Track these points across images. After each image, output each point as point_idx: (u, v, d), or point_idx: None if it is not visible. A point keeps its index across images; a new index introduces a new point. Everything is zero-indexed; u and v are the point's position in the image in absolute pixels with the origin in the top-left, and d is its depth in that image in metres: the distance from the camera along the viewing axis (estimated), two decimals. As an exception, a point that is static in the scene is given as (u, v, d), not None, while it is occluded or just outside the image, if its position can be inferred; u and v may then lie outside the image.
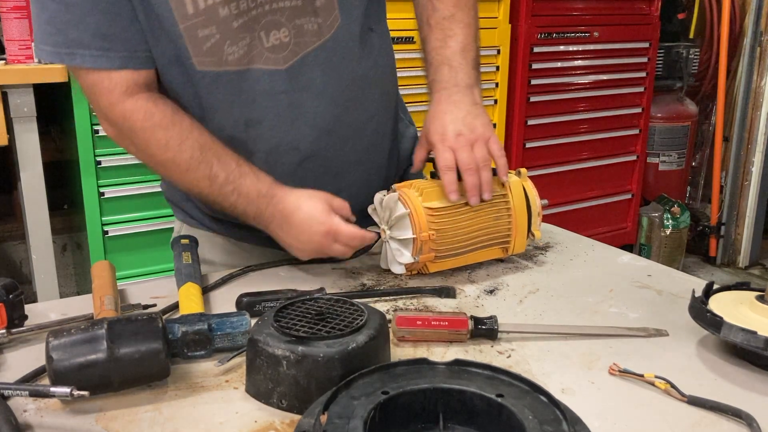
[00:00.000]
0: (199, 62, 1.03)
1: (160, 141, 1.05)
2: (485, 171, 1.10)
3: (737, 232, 3.87)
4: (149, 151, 1.07)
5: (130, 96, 1.03)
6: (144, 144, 1.06)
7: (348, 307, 0.83)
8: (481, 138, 1.11)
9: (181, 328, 0.82)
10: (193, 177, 1.07)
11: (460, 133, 1.10)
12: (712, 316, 0.84)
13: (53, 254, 2.29)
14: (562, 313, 1.00)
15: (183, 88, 1.07)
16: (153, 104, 1.05)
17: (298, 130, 1.11)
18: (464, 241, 1.10)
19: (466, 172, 1.08)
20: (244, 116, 1.09)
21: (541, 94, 3.12)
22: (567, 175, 3.30)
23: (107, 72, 1.02)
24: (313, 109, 1.11)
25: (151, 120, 1.04)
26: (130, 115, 1.04)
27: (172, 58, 1.04)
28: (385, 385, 0.69)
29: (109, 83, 1.02)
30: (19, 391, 0.72)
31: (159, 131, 1.05)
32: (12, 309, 0.88)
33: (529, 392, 0.68)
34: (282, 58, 1.07)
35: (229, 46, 1.03)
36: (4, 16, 2.12)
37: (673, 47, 3.63)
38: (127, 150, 1.10)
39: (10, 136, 2.14)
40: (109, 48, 1.00)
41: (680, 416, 0.75)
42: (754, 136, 3.74)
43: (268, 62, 1.07)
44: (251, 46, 1.05)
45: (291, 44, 1.07)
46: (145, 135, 1.05)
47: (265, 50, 1.06)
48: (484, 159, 1.10)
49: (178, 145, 1.05)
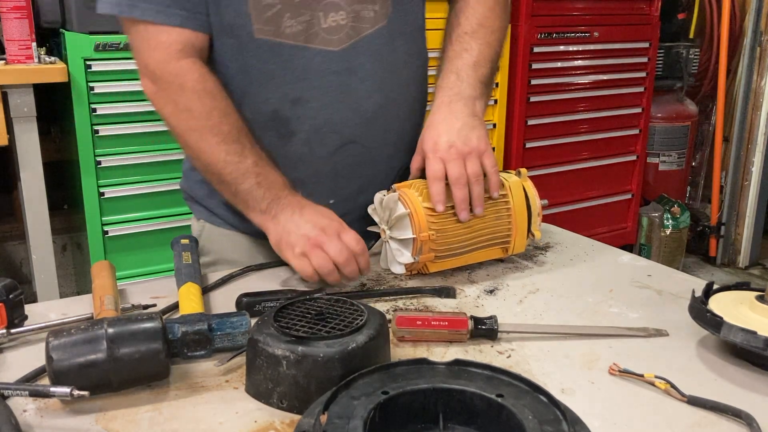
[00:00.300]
0: (258, 30, 1.07)
1: (205, 107, 1.07)
2: (476, 186, 1.07)
3: (737, 232, 3.87)
4: (189, 113, 1.08)
5: (185, 56, 1.07)
6: (187, 105, 1.07)
7: (348, 307, 0.83)
8: (475, 151, 1.08)
9: (181, 328, 0.82)
10: (224, 149, 1.07)
11: (452, 144, 1.08)
12: (712, 316, 0.84)
13: (53, 254, 2.30)
14: (562, 313, 1.00)
15: (233, 58, 1.10)
16: (207, 71, 1.09)
17: (342, 113, 1.13)
18: (464, 242, 1.10)
19: (455, 185, 1.06)
20: (292, 93, 1.11)
21: (541, 94, 3.12)
22: (567, 175, 3.30)
23: (166, 28, 1.05)
24: (359, 93, 1.14)
25: (204, 84, 1.07)
26: (184, 74, 1.06)
27: (228, 25, 1.07)
28: (385, 385, 0.69)
29: (167, 38, 1.05)
30: (19, 391, 0.72)
31: (207, 98, 1.07)
32: (12, 309, 0.88)
33: (529, 392, 0.68)
34: (337, 40, 1.10)
35: (289, 18, 1.06)
36: (4, 16, 2.12)
37: (673, 47, 3.63)
38: (161, 110, 1.11)
39: (10, 136, 2.14)
40: (170, 5, 1.04)
41: (680, 416, 0.75)
42: (754, 136, 3.73)
43: (323, 42, 1.10)
44: (310, 24, 1.08)
45: (347, 27, 1.10)
46: (193, 97, 1.07)
47: (321, 30, 1.09)
48: (476, 173, 1.07)
49: (220, 117, 1.08)
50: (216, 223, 1.26)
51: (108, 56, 2.22)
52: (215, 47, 1.11)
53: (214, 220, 1.26)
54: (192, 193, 1.29)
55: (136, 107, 2.27)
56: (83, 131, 2.23)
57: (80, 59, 2.18)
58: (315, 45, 1.10)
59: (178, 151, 2.40)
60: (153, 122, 2.29)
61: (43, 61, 2.17)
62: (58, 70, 2.14)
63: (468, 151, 1.08)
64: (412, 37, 1.19)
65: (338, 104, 1.13)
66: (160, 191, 2.40)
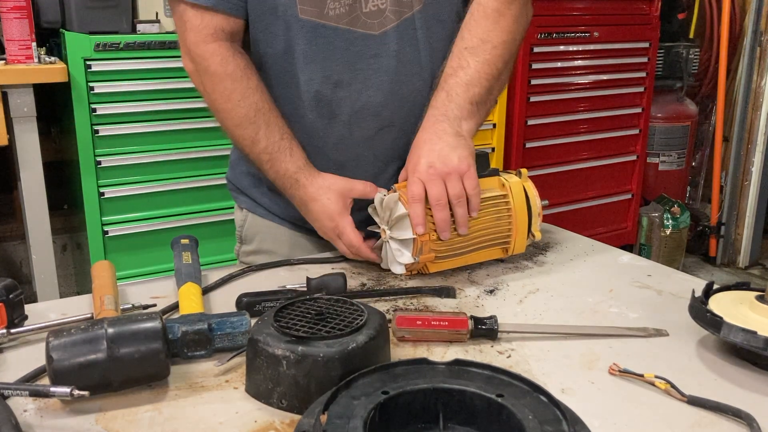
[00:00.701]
0: (302, 10, 1.10)
1: (225, 89, 1.12)
2: (458, 207, 1.05)
3: (737, 232, 3.87)
4: (213, 96, 1.14)
5: (214, 40, 1.11)
6: (210, 87, 1.14)
7: (348, 307, 0.83)
8: (455, 172, 1.06)
9: (181, 328, 0.82)
10: (240, 134, 1.14)
11: (431, 165, 1.06)
12: (712, 316, 0.84)
13: (53, 254, 2.30)
14: (562, 313, 1.00)
15: (278, 38, 1.13)
16: (231, 54, 1.12)
17: (381, 97, 1.16)
18: (464, 242, 1.10)
19: (434, 207, 1.05)
20: (334, 75, 1.14)
21: (541, 94, 3.12)
22: (567, 175, 3.30)
23: (200, 10, 1.10)
24: (399, 77, 1.15)
25: (225, 67, 1.12)
26: (209, 57, 1.11)
27: (273, 4, 1.10)
28: (385, 385, 0.69)
29: (200, 22, 1.11)
30: (19, 391, 0.72)
31: (227, 81, 1.12)
32: (12, 309, 0.88)
33: (529, 392, 0.68)
34: (377, 24, 1.12)
35: (333, 1, 1.09)
36: (4, 16, 2.12)
37: (673, 47, 3.63)
38: (197, 88, 1.18)
39: (10, 136, 2.14)
40: None
41: (680, 416, 0.75)
42: (754, 136, 3.74)
43: (364, 26, 1.12)
44: (352, 8, 1.11)
45: (386, 11, 1.12)
46: (214, 80, 1.12)
47: (362, 14, 1.11)
48: (456, 195, 1.05)
49: (238, 100, 1.12)
50: (259, 213, 1.31)
51: (108, 56, 2.22)
52: (261, 25, 1.14)
53: (257, 210, 1.32)
54: (237, 183, 1.34)
55: (136, 107, 2.28)
56: (83, 131, 2.23)
57: (80, 59, 2.18)
58: (357, 28, 1.12)
59: (178, 151, 2.42)
60: (153, 122, 2.29)
61: (43, 61, 2.17)
62: (58, 70, 2.14)
63: (447, 171, 1.05)
64: (450, 23, 1.19)
65: (378, 88, 1.15)
66: (160, 191, 2.40)
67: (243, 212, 1.34)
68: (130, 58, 2.26)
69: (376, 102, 1.16)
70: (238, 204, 1.36)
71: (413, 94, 1.18)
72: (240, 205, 1.35)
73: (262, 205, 1.31)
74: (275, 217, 1.30)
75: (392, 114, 1.18)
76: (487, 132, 3.03)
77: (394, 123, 1.19)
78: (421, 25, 1.16)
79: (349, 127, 1.17)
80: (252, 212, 1.32)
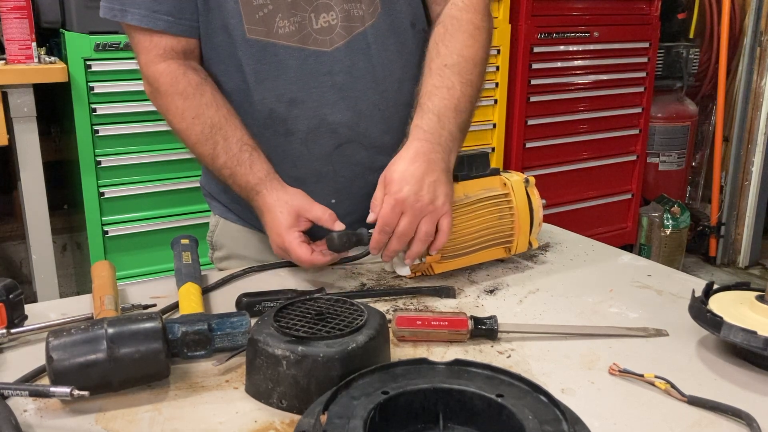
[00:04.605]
0: (249, 30, 1.09)
1: (177, 109, 1.11)
2: (419, 244, 1.01)
3: (737, 232, 3.87)
4: (168, 116, 1.14)
5: (164, 59, 1.10)
6: (164, 108, 1.13)
7: (348, 307, 0.83)
8: (436, 212, 1.01)
9: (181, 328, 0.82)
10: (199, 152, 1.13)
11: (418, 197, 1.00)
12: (712, 316, 0.84)
13: (53, 254, 2.30)
14: (562, 313, 1.00)
15: (228, 57, 1.12)
16: (182, 72, 1.11)
17: (338, 113, 1.14)
18: (468, 242, 1.11)
19: (397, 237, 1.00)
20: (287, 93, 1.13)
21: (541, 94, 3.12)
22: (567, 175, 3.30)
23: (150, 33, 1.09)
24: (354, 93, 1.14)
25: (175, 87, 1.10)
26: (159, 77, 1.11)
27: (221, 24, 1.09)
28: (385, 385, 0.69)
29: (149, 43, 1.10)
30: (19, 391, 0.72)
31: (179, 99, 1.11)
32: (12, 309, 0.88)
33: (529, 392, 0.68)
34: (328, 41, 1.11)
35: (281, 19, 1.08)
36: (4, 16, 2.12)
37: (673, 47, 3.63)
38: (158, 110, 1.16)
39: (10, 136, 2.14)
40: (157, 10, 1.08)
41: (680, 416, 0.75)
42: (754, 136, 3.74)
43: (315, 43, 1.11)
44: (302, 26, 1.09)
45: (338, 27, 1.11)
46: (166, 100, 1.12)
47: (313, 31, 1.10)
48: (426, 233, 1.01)
49: (192, 118, 1.11)
50: (230, 218, 1.30)
51: (108, 56, 2.22)
52: (213, 44, 1.12)
53: (228, 215, 1.30)
54: (209, 188, 1.34)
55: (136, 107, 2.27)
56: (83, 131, 2.23)
57: (80, 59, 2.18)
58: (308, 46, 1.10)
59: (178, 151, 2.42)
60: (153, 122, 2.29)
61: (43, 61, 2.17)
62: (58, 70, 2.14)
63: (431, 209, 1.01)
64: (404, 34, 1.17)
65: (333, 104, 1.13)
66: (160, 191, 2.40)
67: (215, 217, 1.33)
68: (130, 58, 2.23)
69: (332, 119, 1.13)
70: (212, 210, 1.34)
71: (370, 108, 1.15)
72: (213, 211, 1.34)
73: (233, 211, 1.29)
74: (246, 223, 1.27)
75: (350, 130, 1.15)
76: (487, 132, 3.03)
77: (352, 139, 1.16)
78: (374, 40, 1.13)
79: (306, 145, 1.15)
80: (224, 218, 1.31)
